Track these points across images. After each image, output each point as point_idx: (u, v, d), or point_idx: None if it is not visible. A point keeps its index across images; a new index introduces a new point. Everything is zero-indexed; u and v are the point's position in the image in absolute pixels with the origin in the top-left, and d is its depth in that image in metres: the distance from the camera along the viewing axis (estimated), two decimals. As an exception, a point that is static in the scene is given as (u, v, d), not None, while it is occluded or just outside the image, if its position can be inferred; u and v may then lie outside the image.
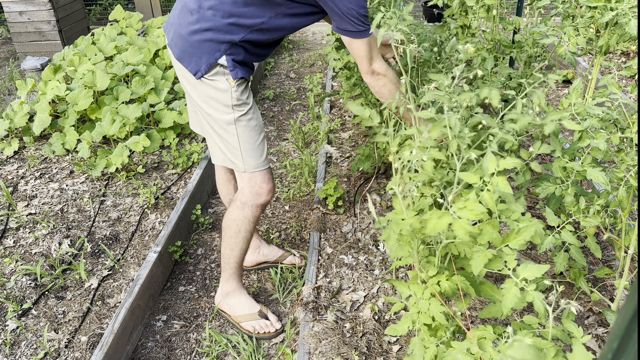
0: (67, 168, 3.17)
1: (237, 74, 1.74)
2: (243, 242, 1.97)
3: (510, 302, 1.04)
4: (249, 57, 1.77)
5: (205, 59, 1.73)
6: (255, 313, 2.08)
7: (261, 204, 1.90)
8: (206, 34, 1.71)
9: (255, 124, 1.84)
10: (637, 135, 1.61)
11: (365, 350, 1.83)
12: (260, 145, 1.85)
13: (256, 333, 2.04)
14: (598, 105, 2.52)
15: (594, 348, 1.80)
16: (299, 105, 4.13)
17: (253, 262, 2.36)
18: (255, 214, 1.91)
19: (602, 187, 2.28)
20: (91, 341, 2.02)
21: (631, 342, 0.44)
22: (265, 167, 1.88)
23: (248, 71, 1.81)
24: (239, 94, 1.78)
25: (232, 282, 2.08)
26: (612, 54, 4.55)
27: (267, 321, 2.07)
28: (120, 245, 2.54)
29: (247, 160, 1.84)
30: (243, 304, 2.09)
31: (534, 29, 2.27)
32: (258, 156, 1.85)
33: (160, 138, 3.28)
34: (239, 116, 1.80)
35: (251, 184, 1.87)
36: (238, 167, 1.86)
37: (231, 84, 1.76)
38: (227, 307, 2.12)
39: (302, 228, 2.65)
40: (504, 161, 1.12)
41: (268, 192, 1.89)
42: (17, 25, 5.26)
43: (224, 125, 1.81)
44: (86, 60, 3.64)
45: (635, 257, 1.91)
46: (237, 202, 1.91)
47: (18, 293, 2.25)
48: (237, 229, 1.93)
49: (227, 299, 2.11)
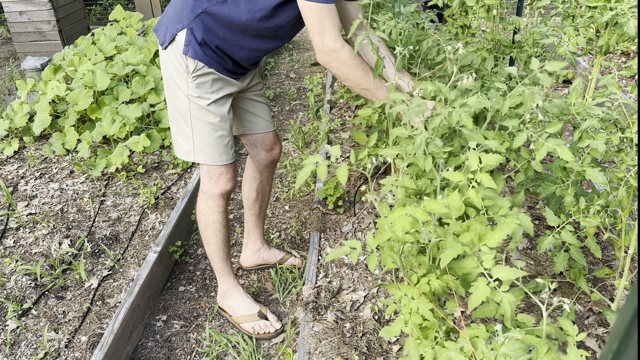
0: (67, 168, 3.17)
1: (190, 52, 1.65)
2: (216, 234, 1.94)
3: (477, 300, 1.05)
4: (212, 38, 1.66)
5: (170, 29, 1.69)
6: (255, 314, 2.07)
7: (221, 194, 1.87)
8: (178, 3, 1.67)
9: (213, 122, 1.76)
10: (637, 135, 1.61)
11: (365, 350, 1.83)
12: (217, 140, 1.79)
13: (256, 334, 2.04)
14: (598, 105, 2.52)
15: (594, 348, 1.80)
16: (299, 105, 4.13)
17: (252, 264, 2.36)
18: (219, 204, 1.89)
19: (602, 187, 2.29)
20: (91, 341, 2.02)
21: (631, 343, 0.44)
22: (225, 162, 1.83)
23: (215, 60, 1.68)
24: (195, 85, 1.70)
25: (225, 279, 2.07)
26: (612, 54, 4.55)
27: (267, 321, 2.06)
28: (120, 245, 2.54)
29: (203, 154, 1.81)
30: (242, 305, 2.08)
31: (534, 29, 2.27)
32: (216, 153, 1.81)
33: (160, 138, 3.28)
34: (194, 108, 1.73)
35: (209, 175, 1.85)
36: (197, 159, 1.83)
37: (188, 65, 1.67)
38: (226, 307, 2.11)
39: (302, 228, 2.65)
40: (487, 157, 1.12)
41: (227, 182, 1.86)
42: (17, 25, 5.26)
43: (179, 111, 1.78)
44: (86, 60, 3.64)
45: (635, 257, 1.91)
46: (201, 194, 1.91)
47: (18, 293, 2.25)
48: (205, 220, 1.93)
49: (225, 299, 2.10)
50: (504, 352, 0.88)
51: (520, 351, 0.86)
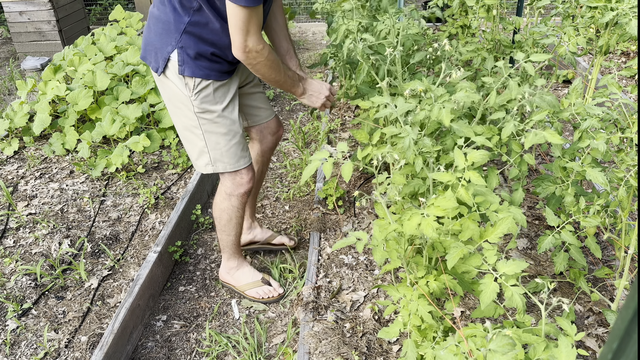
0: (67, 168, 3.17)
1: (186, 71, 1.68)
2: (236, 227, 2.07)
3: (489, 297, 1.05)
4: (206, 47, 1.68)
5: (161, 52, 1.70)
6: (259, 280, 2.19)
7: (244, 193, 1.96)
8: (159, 25, 1.69)
9: (225, 131, 1.80)
10: (637, 135, 1.61)
11: (365, 350, 1.83)
12: (234, 146, 1.84)
13: (260, 298, 2.17)
14: (598, 105, 2.52)
15: (594, 348, 1.80)
16: (299, 105, 4.13)
17: (244, 241, 2.42)
18: (241, 201, 1.99)
19: (602, 187, 2.29)
20: (91, 341, 2.02)
21: (631, 343, 0.44)
22: (244, 165, 1.90)
23: (211, 69, 1.71)
24: (199, 101, 1.73)
25: (233, 259, 2.19)
26: (612, 54, 4.55)
27: (270, 287, 2.18)
28: (120, 245, 2.54)
29: (222, 163, 1.87)
30: (246, 274, 2.20)
31: (534, 29, 2.27)
32: (234, 159, 1.87)
33: (160, 138, 3.28)
34: (204, 123, 1.78)
35: (233, 179, 1.93)
36: (217, 169, 1.89)
37: (187, 84, 1.70)
38: (231, 279, 2.22)
39: (302, 228, 2.65)
40: (472, 154, 1.13)
41: (249, 181, 1.94)
42: (17, 25, 5.26)
43: (189, 129, 1.82)
44: (86, 60, 3.64)
45: (635, 257, 1.91)
46: (223, 194, 1.98)
47: (18, 293, 2.25)
48: (228, 217, 2.02)
49: (231, 272, 2.22)
50: (492, 348, 0.89)
51: (508, 347, 0.87)
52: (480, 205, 1.18)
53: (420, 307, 1.21)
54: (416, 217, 1.08)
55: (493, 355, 0.88)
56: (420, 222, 1.07)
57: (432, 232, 1.05)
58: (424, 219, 1.07)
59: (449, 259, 1.09)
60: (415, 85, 1.31)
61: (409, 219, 1.09)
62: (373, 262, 2.30)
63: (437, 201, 1.09)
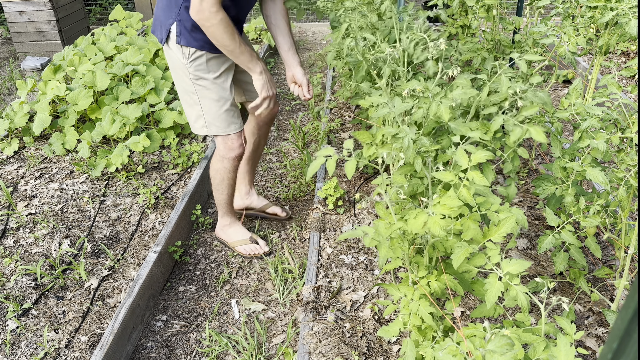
0: (67, 168, 3.17)
1: (182, 41, 1.93)
2: (228, 187, 2.32)
3: (494, 296, 1.05)
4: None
5: (165, 25, 1.97)
6: (247, 239, 2.47)
7: (234, 157, 2.21)
8: (163, 2, 1.95)
9: (216, 98, 2.05)
10: (637, 135, 1.61)
11: (365, 350, 1.83)
12: (225, 113, 2.08)
13: (247, 254, 2.45)
14: (598, 105, 2.52)
15: (594, 348, 1.80)
16: (299, 105, 4.13)
17: (241, 206, 2.66)
18: (233, 165, 2.23)
19: (602, 187, 2.28)
20: (91, 341, 2.02)
21: (631, 342, 0.44)
22: (235, 130, 2.14)
23: (205, 42, 1.92)
24: (194, 69, 1.99)
25: (226, 217, 2.47)
26: (612, 54, 4.55)
27: (257, 245, 2.47)
28: (120, 245, 2.54)
29: (214, 127, 2.11)
30: (237, 232, 2.49)
31: (534, 29, 2.27)
32: (225, 124, 2.11)
33: (160, 138, 3.28)
34: (198, 89, 2.03)
35: (224, 142, 2.17)
36: (210, 132, 2.13)
37: (184, 53, 1.95)
38: (224, 235, 2.51)
39: (302, 228, 2.65)
40: (476, 154, 1.13)
41: (239, 147, 2.19)
42: (17, 25, 5.26)
43: (187, 93, 2.07)
44: (86, 60, 3.64)
45: (635, 257, 1.91)
46: (217, 156, 2.23)
47: (18, 293, 2.25)
48: (221, 177, 2.28)
49: (224, 230, 2.50)
50: (491, 348, 0.89)
51: (507, 347, 0.87)
52: (481, 206, 1.19)
53: (421, 308, 1.21)
54: (422, 215, 1.08)
55: (492, 356, 0.88)
56: (427, 220, 1.07)
57: (440, 230, 1.05)
58: (430, 218, 1.07)
59: (455, 259, 1.09)
60: (413, 85, 1.31)
61: (415, 218, 1.09)
62: (373, 262, 2.30)
63: (443, 199, 1.09)
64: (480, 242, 1.14)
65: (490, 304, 1.06)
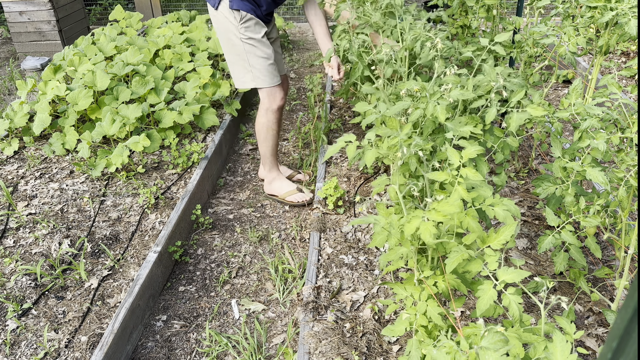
0: (67, 168, 3.17)
1: (235, 5, 2.30)
2: (273, 137, 2.69)
3: (485, 304, 1.04)
4: None
5: None
6: (294, 189, 2.82)
7: (278, 107, 2.58)
8: None
9: (263, 55, 2.43)
10: (637, 135, 1.61)
11: (365, 350, 1.83)
12: (269, 67, 2.47)
13: (297, 202, 2.79)
14: (598, 105, 2.52)
15: (593, 348, 1.80)
16: (299, 105, 4.13)
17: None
18: (276, 116, 2.60)
19: (602, 187, 2.28)
20: (91, 341, 2.02)
21: (630, 342, 0.44)
22: (277, 83, 2.52)
23: (252, 9, 2.34)
24: (244, 29, 2.37)
25: (273, 171, 2.82)
26: (612, 54, 4.54)
27: (303, 193, 2.82)
28: (120, 245, 2.54)
29: (260, 80, 2.48)
30: (283, 185, 2.84)
31: (534, 29, 2.27)
32: (270, 76, 2.48)
33: (160, 138, 3.28)
34: (247, 49, 2.40)
35: (269, 95, 2.54)
36: (258, 85, 2.50)
37: (235, 16, 2.32)
38: (273, 190, 2.86)
39: (302, 228, 2.65)
40: (467, 151, 1.13)
41: (281, 98, 2.57)
42: (17, 25, 5.26)
43: (237, 53, 2.44)
44: (86, 60, 3.64)
45: (635, 257, 1.91)
46: (262, 111, 2.61)
47: (18, 293, 2.25)
48: (266, 129, 2.64)
49: (273, 184, 2.84)
50: (484, 345, 0.88)
51: (501, 343, 0.87)
52: (475, 200, 1.18)
53: (430, 308, 1.20)
54: (416, 220, 1.07)
55: (485, 352, 0.88)
56: (419, 226, 1.06)
57: (430, 237, 1.04)
58: (423, 223, 1.06)
59: (448, 264, 1.08)
60: (410, 86, 1.31)
61: (409, 222, 1.08)
62: (373, 262, 2.30)
63: (439, 205, 1.08)
64: (480, 247, 1.13)
65: (481, 312, 1.05)
